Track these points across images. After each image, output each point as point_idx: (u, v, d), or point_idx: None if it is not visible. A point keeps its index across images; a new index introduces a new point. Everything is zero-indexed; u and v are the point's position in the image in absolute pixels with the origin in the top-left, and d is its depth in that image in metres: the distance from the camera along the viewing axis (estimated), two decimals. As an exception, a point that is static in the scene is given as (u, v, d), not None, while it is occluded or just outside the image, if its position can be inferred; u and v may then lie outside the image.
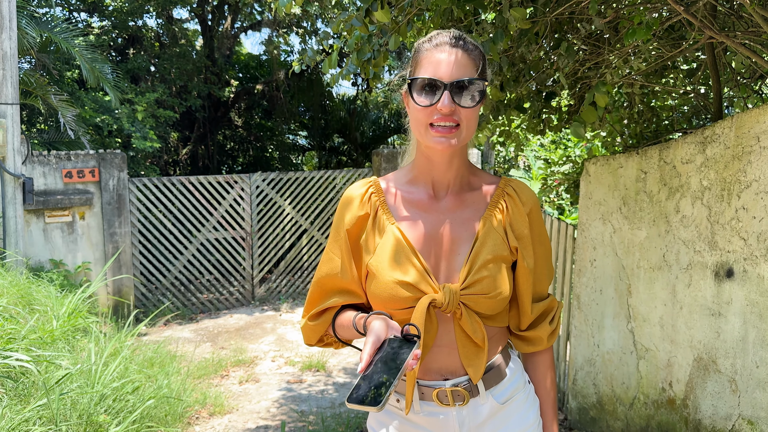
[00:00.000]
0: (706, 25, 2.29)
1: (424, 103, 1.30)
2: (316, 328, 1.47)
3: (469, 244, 1.39)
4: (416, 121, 1.34)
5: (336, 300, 1.43)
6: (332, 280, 1.43)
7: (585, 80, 3.48)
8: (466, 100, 1.30)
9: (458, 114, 1.30)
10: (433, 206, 1.42)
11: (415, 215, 1.41)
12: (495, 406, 1.41)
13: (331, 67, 2.31)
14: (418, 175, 1.43)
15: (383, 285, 1.35)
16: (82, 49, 6.84)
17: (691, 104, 4.03)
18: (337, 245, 1.43)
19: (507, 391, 1.43)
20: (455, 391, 1.37)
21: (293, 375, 5.28)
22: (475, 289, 1.34)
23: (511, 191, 1.45)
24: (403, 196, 1.43)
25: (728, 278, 2.50)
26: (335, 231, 1.45)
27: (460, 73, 1.30)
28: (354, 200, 1.43)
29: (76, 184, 6.72)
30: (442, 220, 1.41)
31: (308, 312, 1.48)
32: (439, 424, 1.39)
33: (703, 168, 2.65)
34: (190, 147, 11.90)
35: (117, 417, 3.31)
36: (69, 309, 4.64)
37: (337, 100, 12.79)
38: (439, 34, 1.36)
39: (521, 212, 1.43)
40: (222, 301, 7.95)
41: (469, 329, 1.35)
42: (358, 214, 1.42)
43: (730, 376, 2.51)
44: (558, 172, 6.04)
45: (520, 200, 1.43)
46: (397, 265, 1.35)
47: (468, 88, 1.30)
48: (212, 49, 11.11)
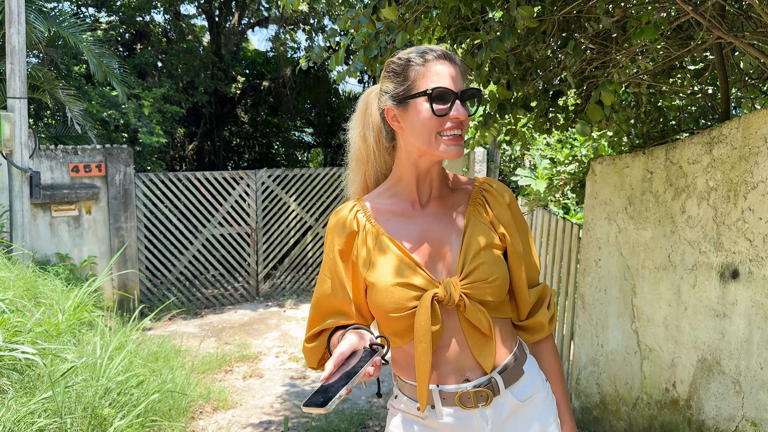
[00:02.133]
0: (714, 25, 2.29)
1: (442, 113, 1.35)
2: (313, 350, 1.49)
3: (459, 239, 1.43)
4: (425, 129, 1.37)
5: (331, 321, 1.45)
6: (327, 301, 1.46)
7: (592, 79, 3.47)
8: (470, 108, 1.39)
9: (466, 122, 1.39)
10: (418, 213, 1.46)
11: (404, 224, 1.45)
12: (515, 404, 1.42)
13: (338, 64, 2.32)
14: (401, 188, 1.48)
15: (384, 292, 1.37)
16: (89, 44, 6.86)
17: (698, 104, 4.01)
18: (328, 267, 1.46)
19: (526, 389, 1.44)
20: (478, 392, 1.38)
21: (297, 371, 5.30)
22: (473, 277, 1.37)
23: (488, 186, 1.51)
24: (388, 209, 1.47)
25: (733, 279, 2.49)
26: (326, 253, 1.47)
27: (462, 83, 1.39)
28: (341, 220, 1.46)
29: (82, 178, 6.75)
30: (430, 223, 1.45)
31: (306, 334, 1.51)
32: (463, 426, 1.39)
33: (709, 168, 2.65)
34: (197, 143, 11.93)
35: (121, 410, 3.33)
36: (75, 303, 4.66)
37: (343, 97, 12.80)
38: (431, 50, 1.41)
39: (502, 202, 1.49)
40: (227, 296, 7.98)
41: (474, 319, 1.37)
42: (347, 233, 1.44)
43: (734, 378, 2.50)
44: (564, 172, 6.03)
45: (497, 192, 1.50)
46: (395, 273, 1.38)
47: (471, 97, 1.39)
48: (219, 45, 11.13)
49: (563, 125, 3.90)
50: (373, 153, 1.51)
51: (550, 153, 7.24)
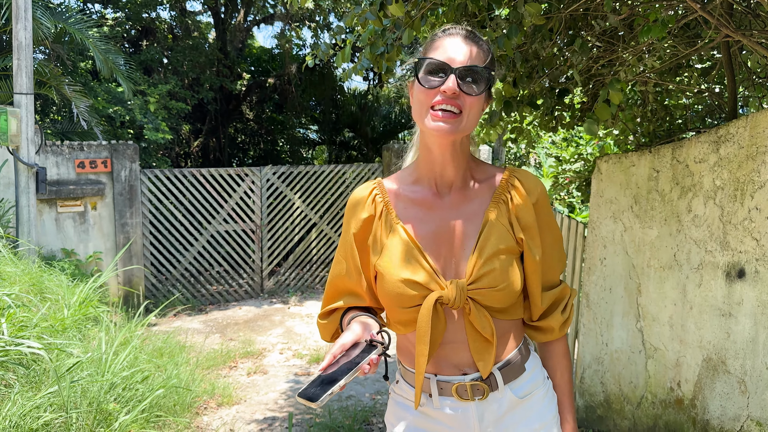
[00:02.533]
0: (722, 24, 2.28)
1: (430, 85, 1.30)
2: (327, 326, 1.51)
3: (474, 239, 1.38)
4: (419, 103, 1.33)
5: (344, 301, 1.46)
6: (341, 281, 1.47)
7: (598, 78, 3.46)
8: (471, 88, 1.29)
9: (462, 100, 1.29)
10: (437, 203, 1.41)
11: (420, 214, 1.41)
12: (514, 401, 1.41)
13: (344, 61, 2.31)
14: (422, 173, 1.43)
15: (391, 285, 1.36)
16: (96, 40, 6.88)
17: (705, 103, 4.00)
18: (344, 249, 1.46)
19: (526, 386, 1.43)
20: (475, 385, 1.37)
21: (301, 367, 5.31)
22: (482, 283, 1.34)
23: (516, 182, 1.42)
24: (407, 195, 1.43)
25: (739, 279, 2.48)
26: (343, 234, 1.47)
27: (469, 60, 1.30)
28: (359, 203, 1.45)
29: (88, 174, 6.77)
30: (447, 217, 1.40)
31: (321, 309, 1.53)
32: (458, 419, 1.39)
33: (716, 167, 2.64)
34: (202, 139, 11.94)
35: (126, 405, 3.34)
36: (80, 298, 4.68)
37: (348, 95, 12.79)
38: (453, 27, 1.37)
39: (527, 202, 1.41)
40: (231, 293, 8.00)
41: (477, 324, 1.34)
42: (363, 217, 1.43)
43: (739, 377, 2.50)
44: (569, 170, 6.02)
45: (525, 190, 1.41)
46: (404, 264, 1.36)
47: (474, 76, 1.30)
48: (225, 41, 11.14)
49: (569, 123, 3.89)
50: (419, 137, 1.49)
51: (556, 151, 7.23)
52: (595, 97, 3.65)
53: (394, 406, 1.50)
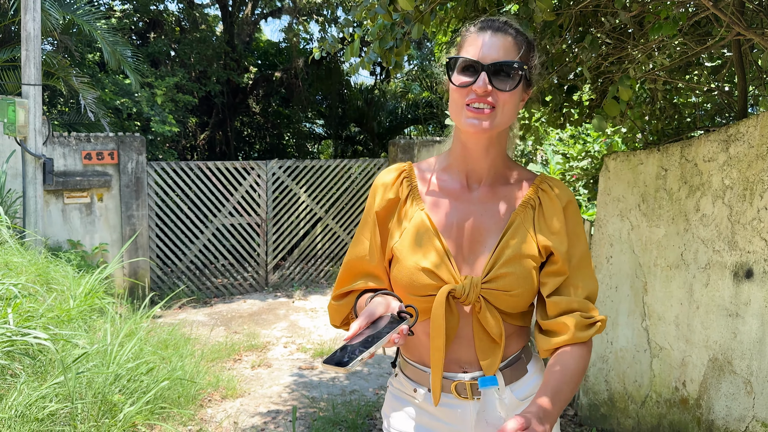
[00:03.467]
0: (734, 22, 2.26)
1: (461, 83, 1.28)
2: (339, 309, 1.46)
3: (496, 238, 1.36)
4: (453, 102, 1.32)
5: (361, 283, 1.42)
6: (360, 262, 1.43)
7: (607, 74, 3.44)
8: (503, 84, 1.27)
9: (495, 97, 1.27)
10: (464, 195, 1.39)
11: (446, 203, 1.39)
12: (514, 402, 1.39)
13: (353, 55, 2.30)
14: (453, 162, 1.42)
15: (405, 270, 1.35)
16: (104, 32, 6.88)
17: (714, 102, 3.97)
18: (367, 228, 1.43)
19: (527, 387, 1.41)
20: (474, 384, 1.36)
21: (305, 361, 5.32)
22: (496, 284, 1.31)
23: (547, 188, 1.39)
24: (435, 182, 1.42)
25: (747, 279, 2.47)
26: (366, 214, 1.45)
27: (501, 56, 1.27)
28: (386, 184, 1.43)
29: (95, 165, 6.79)
30: (471, 210, 1.38)
31: (335, 291, 1.48)
32: (456, 416, 1.38)
33: (725, 167, 2.62)
34: (208, 132, 11.95)
35: (131, 397, 3.36)
36: (86, 289, 4.70)
37: (354, 89, 12.77)
38: (487, 19, 1.34)
39: (557, 209, 1.36)
40: (236, 286, 8.01)
41: (486, 323, 1.33)
42: (388, 197, 1.42)
43: (745, 378, 2.49)
44: (576, 167, 6.00)
45: (556, 197, 1.37)
46: (419, 250, 1.34)
47: (506, 71, 1.27)
48: (232, 35, 11.14)
49: (577, 120, 3.87)
50: None
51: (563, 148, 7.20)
52: (603, 94, 3.63)
53: (392, 399, 1.49)
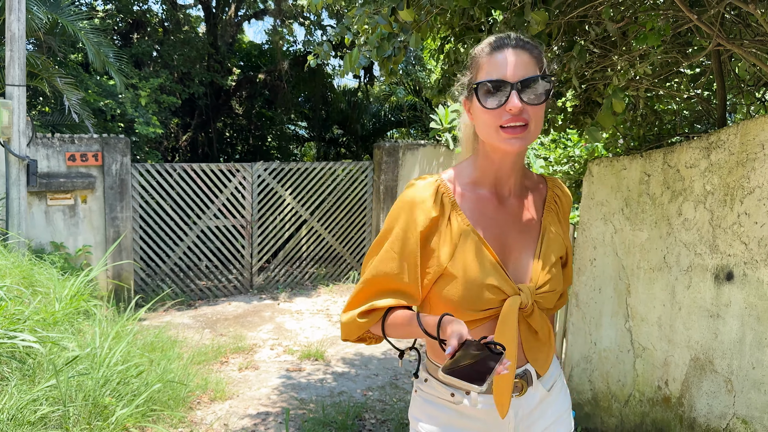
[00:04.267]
0: (718, 35, 2.35)
1: (493, 105, 1.30)
2: (363, 325, 1.43)
3: (534, 245, 1.45)
4: (484, 124, 1.34)
5: (389, 300, 1.40)
6: (388, 279, 1.40)
7: (591, 82, 3.53)
8: (533, 98, 1.30)
9: (526, 113, 1.30)
10: (498, 208, 1.44)
11: (486, 217, 1.42)
12: (544, 393, 1.49)
13: (353, 65, 2.35)
14: (482, 176, 1.44)
15: (469, 288, 1.36)
16: (88, 33, 6.84)
17: (693, 109, 4.08)
18: (404, 245, 1.39)
19: (551, 378, 1.52)
20: (515, 383, 1.43)
21: (292, 363, 5.34)
22: (545, 288, 1.41)
23: (560, 192, 1.53)
24: (471, 197, 1.43)
25: (728, 281, 2.56)
26: (402, 231, 1.39)
27: (525, 71, 1.31)
28: (426, 200, 1.39)
29: (79, 167, 6.74)
30: (509, 222, 1.44)
31: (355, 307, 1.45)
32: (495, 414, 1.42)
33: (707, 173, 2.71)
34: (190, 134, 11.91)
35: (122, 400, 3.37)
36: (71, 292, 4.68)
37: (338, 92, 12.80)
38: (498, 38, 1.37)
39: (567, 212, 1.54)
40: (220, 288, 8.00)
41: (537, 325, 1.41)
42: (432, 215, 1.38)
43: (726, 377, 2.58)
44: (559, 172, 6.10)
45: (566, 201, 1.54)
46: (481, 270, 1.36)
47: (533, 86, 1.30)
48: (216, 36, 11.11)
49: (561, 126, 3.96)
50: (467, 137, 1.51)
51: (544, 152, 7.31)
52: (587, 100, 3.72)
53: (424, 404, 1.50)
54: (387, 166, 8.54)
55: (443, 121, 8.23)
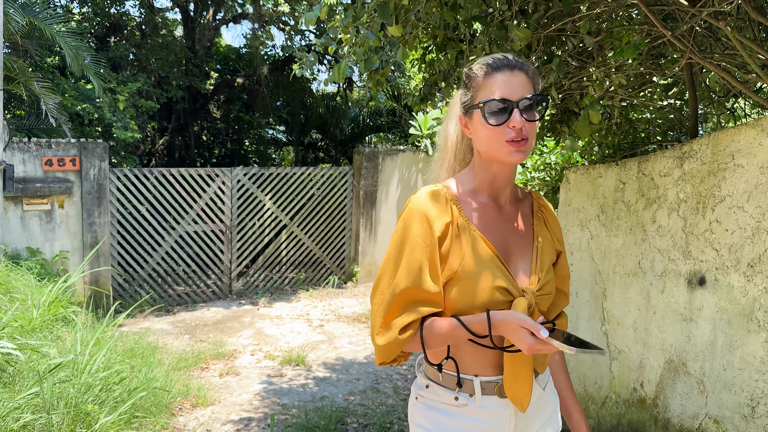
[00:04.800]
0: (692, 50, 2.45)
1: (497, 122, 1.41)
2: (404, 341, 1.43)
3: (530, 249, 1.54)
4: (488, 140, 1.43)
5: (421, 310, 1.42)
6: (418, 290, 1.42)
7: (568, 91, 3.62)
8: (532, 115, 1.42)
9: (526, 129, 1.41)
10: (498, 215, 1.53)
11: (489, 224, 1.51)
12: (539, 392, 1.56)
13: (341, 76, 2.40)
14: (481, 185, 1.53)
15: (479, 290, 1.42)
16: (65, 36, 6.79)
17: (666, 118, 4.20)
18: (424, 253, 1.42)
19: (546, 377, 1.61)
20: None
21: (273, 369, 5.36)
22: (544, 290, 1.50)
23: (543, 202, 1.64)
24: (473, 204, 1.52)
25: (700, 286, 2.66)
26: (419, 237, 1.43)
27: (524, 91, 1.42)
28: (437, 206, 1.46)
29: (56, 172, 6.68)
30: (507, 228, 1.53)
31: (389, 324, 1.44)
32: (496, 415, 1.50)
33: (680, 181, 2.81)
34: (167, 138, 11.83)
35: (104, 407, 3.36)
36: (49, 298, 4.64)
37: (317, 96, 12.82)
38: (495, 59, 1.47)
39: (555, 220, 1.63)
40: (199, 294, 7.96)
41: None
42: (445, 221, 1.45)
43: (698, 378, 2.67)
44: (536, 178, 6.21)
45: (551, 210, 1.64)
46: (488, 272, 1.43)
47: (531, 104, 1.42)
48: (194, 40, 11.06)
49: (539, 134, 4.05)
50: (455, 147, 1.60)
51: (522, 158, 7.41)
52: (564, 110, 3.82)
53: (426, 410, 1.54)
54: (367, 172, 8.59)
55: (422, 127, 8.31)
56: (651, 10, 2.37)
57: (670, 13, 2.88)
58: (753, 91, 3.23)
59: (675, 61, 3.30)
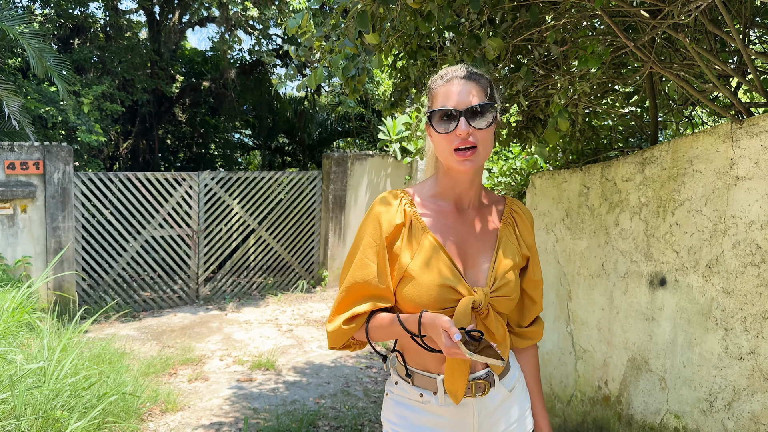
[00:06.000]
0: (653, 61, 2.56)
1: (444, 131, 1.47)
2: (349, 332, 1.54)
3: (491, 252, 1.58)
4: (439, 147, 1.51)
5: (369, 305, 1.53)
6: (366, 285, 1.52)
7: (534, 99, 3.73)
8: (480, 123, 1.47)
9: (474, 136, 1.47)
10: (459, 218, 1.59)
11: (446, 226, 1.57)
12: (505, 394, 1.61)
13: (318, 83, 2.44)
14: (443, 190, 1.59)
15: (425, 289, 1.49)
16: (28, 37, 6.66)
17: (628, 125, 4.34)
18: (374, 252, 1.52)
19: (512, 380, 1.64)
20: (477, 383, 1.55)
21: (243, 374, 5.34)
22: (500, 292, 1.53)
23: (517, 208, 1.67)
24: (432, 207, 1.58)
25: (661, 287, 2.77)
26: (369, 237, 1.54)
27: (472, 99, 1.48)
28: (389, 210, 1.54)
29: (18, 176, 6.54)
30: (467, 231, 1.58)
31: (338, 315, 1.56)
32: (461, 413, 1.56)
33: (641, 186, 2.93)
34: (131, 141, 11.66)
35: (73, 412, 3.32)
36: (13, 304, 4.56)
37: (284, 100, 12.80)
38: (449, 70, 1.54)
39: (528, 227, 1.66)
40: (165, 299, 7.87)
41: (493, 327, 1.53)
42: (396, 223, 1.53)
43: (660, 375, 2.78)
44: (502, 183, 6.33)
45: (525, 216, 1.66)
46: (434, 268, 1.50)
47: (480, 113, 1.47)
48: (159, 43, 10.94)
49: (505, 140, 4.15)
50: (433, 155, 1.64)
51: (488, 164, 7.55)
52: (530, 116, 3.93)
53: (395, 406, 1.62)
54: (336, 176, 8.62)
55: (391, 132, 8.38)
56: (614, 21, 2.48)
57: (632, 24, 3.00)
58: (710, 99, 3.38)
59: (636, 70, 3.43)
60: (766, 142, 2.20)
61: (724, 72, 2.85)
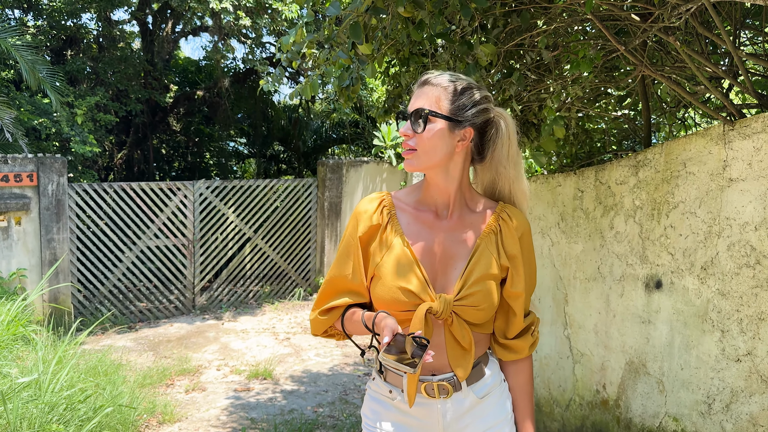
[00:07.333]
0: (644, 64, 2.56)
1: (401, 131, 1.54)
2: (325, 322, 1.64)
3: (465, 261, 1.56)
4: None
5: (345, 299, 1.60)
6: (343, 281, 1.60)
7: (527, 103, 3.73)
8: (417, 127, 1.51)
9: (413, 140, 1.53)
10: (436, 224, 1.59)
11: (421, 231, 1.58)
12: (475, 400, 1.60)
13: (314, 93, 2.45)
14: (424, 195, 1.62)
15: (387, 289, 1.53)
16: (21, 49, 6.65)
17: (621, 128, 4.36)
18: (351, 249, 1.59)
19: (485, 387, 1.62)
20: (441, 385, 1.56)
21: (240, 383, 5.31)
22: (467, 301, 1.52)
23: (506, 216, 1.60)
24: (411, 212, 1.61)
25: (657, 289, 2.77)
26: (350, 235, 1.61)
27: (418, 105, 1.53)
28: (368, 211, 1.60)
29: (12, 188, 6.52)
30: (443, 238, 1.58)
31: (319, 307, 1.64)
32: (425, 412, 1.58)
33: (635, 189, 2.93)
34: (126, 151, 11.64)
35: (69, 426, 3.30)
36: (8, 317, 4.53)
37: (279, 108, 12.81)
38: (424, 74, 1.58)
39: (514, 236, 1.59)
40: (161, 309, 7.84)
41: (458, 335, 1.53)
42: (371, 224, 1.59)
43: (658, 378, 2.78)
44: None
45: (513, 225, 1.59)
46: (401, 273, 1.52)
47: (418, 117, 1.51)
48: (153, 53, 10.94)
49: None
50: None
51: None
52: (523, 121, 3.93)
53: (370, 401, 1.68)
54: (331, 183, 8.62)
55: (386, 138, 8.39)
56: (605, 25, 2.49)
57: (623, 28, 3.01)
58: (701, 101, 3.39)
59: (628, 73, 3.44)
60: (758, 143, 2.21)
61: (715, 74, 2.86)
